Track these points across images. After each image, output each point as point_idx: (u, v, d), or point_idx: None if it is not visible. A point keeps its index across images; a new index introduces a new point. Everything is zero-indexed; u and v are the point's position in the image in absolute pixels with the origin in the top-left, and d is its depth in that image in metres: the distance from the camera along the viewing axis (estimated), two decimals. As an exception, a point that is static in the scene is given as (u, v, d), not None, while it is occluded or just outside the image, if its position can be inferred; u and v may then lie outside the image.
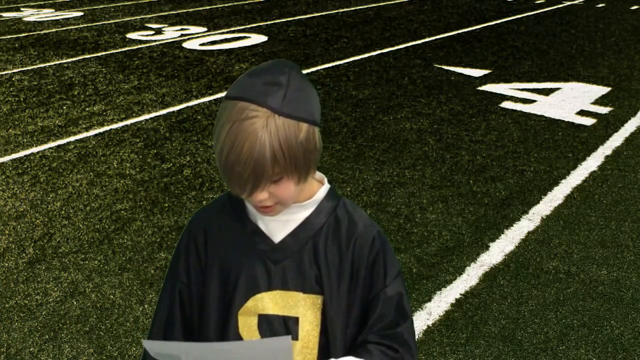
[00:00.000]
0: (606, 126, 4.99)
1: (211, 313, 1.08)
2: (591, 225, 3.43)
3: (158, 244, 3.36)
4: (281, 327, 1.06)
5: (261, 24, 10.94)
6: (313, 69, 7.30)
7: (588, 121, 5.12)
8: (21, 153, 4.81)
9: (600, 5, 12.09)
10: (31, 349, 2.56)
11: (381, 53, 8.11)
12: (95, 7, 14.27)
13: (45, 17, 12.71)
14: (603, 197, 3.75)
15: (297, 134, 0.93)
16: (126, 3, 14.95)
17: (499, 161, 4.34)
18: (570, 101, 5.69)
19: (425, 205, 3.71)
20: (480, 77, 6.64)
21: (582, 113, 5.33)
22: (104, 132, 5.22)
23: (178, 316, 1.11)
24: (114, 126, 5.38)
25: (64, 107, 5.99)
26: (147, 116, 5.63)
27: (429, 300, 2.81)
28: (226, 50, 8.62)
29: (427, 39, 9.01)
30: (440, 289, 2.88)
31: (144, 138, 5.05)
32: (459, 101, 5.79)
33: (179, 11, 13.23)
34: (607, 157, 4.36)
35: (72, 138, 5.10)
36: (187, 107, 5.87)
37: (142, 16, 12.52)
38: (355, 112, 5.55)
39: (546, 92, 6.00)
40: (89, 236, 3.47)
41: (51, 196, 4.00)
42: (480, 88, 6.23)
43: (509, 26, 9.97)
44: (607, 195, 3.79)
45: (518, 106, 5.57)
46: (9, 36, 10.43)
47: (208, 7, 13.73)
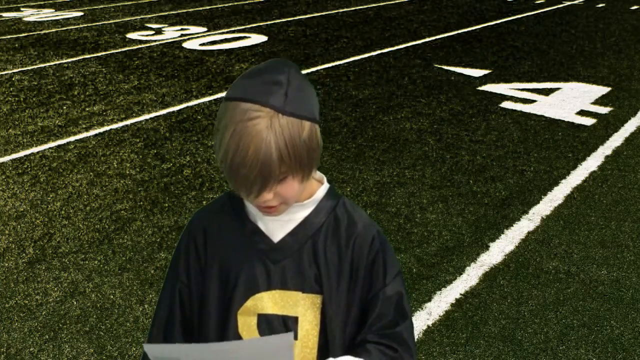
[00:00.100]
0: (606, 126, 4.99)
1: (211, 313, 1.08)
2: (591, 225, 3.43)
3: (158, 244, 3.36)
4: (280, 327, 1.06)
5: (261, 24, 10.94)
6: (313, 69, 7.30)
7: (588, 121, 5.12)
8: (21, 153, 4.81)
9: (600, 5, 12.09)
10: (31, 349, 2.56)
11: (381, 53, 8.11)
12: (95, 7, 14.27)
13: (45, 17, 12.71)
14: (603, 197, 3.75)
15: (301, 133, 0.93)
16: (126, 3, 14.95)
17: (499, 161, 4.34)
18: (570, 101, 5.69)
19: (425, 205, 3.71)
20: (480, 77, 6.64)
21: (582, 113, 5.33)
22: (104, 132, 5.22)
23: (178, 316, 1.11)
24: (114, 126, 5.38)
25: (64, 107, 5.99)
26: (147, 116, 5.63)
27: (429, 300, 2.81)
28: (226, 50, 8.62)
29: (427, 39, 9.01)
30: (440, 289, 2.88)
31: (144, 138, 5.05)
32: (459, 101, 5.79)
33: (179, 11, 13.23)
34: (607, 157, 4.35)
35: (72, 138, 5.10)
36: (187, 107, 5.87)
37: (142, 16, 12.52)
38: (355, 112, 5.55)
39: (546, 92, 6.00)
40: (89, 236, 3.47)
41: (51, 196, 4.00)
42: (480, 88, 6.23)
43: (509, 26, 9.97)
44: (607, 195, 3.78)
45: (518, 106, 5.57)
46: (9, 36, 10.43)
47: (208, 7, 13.73)
